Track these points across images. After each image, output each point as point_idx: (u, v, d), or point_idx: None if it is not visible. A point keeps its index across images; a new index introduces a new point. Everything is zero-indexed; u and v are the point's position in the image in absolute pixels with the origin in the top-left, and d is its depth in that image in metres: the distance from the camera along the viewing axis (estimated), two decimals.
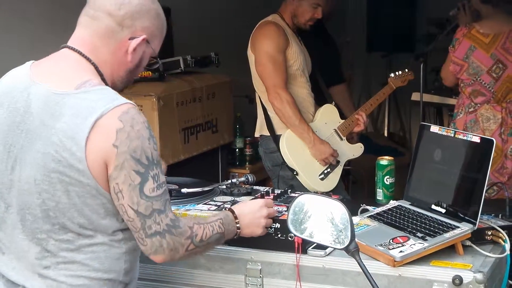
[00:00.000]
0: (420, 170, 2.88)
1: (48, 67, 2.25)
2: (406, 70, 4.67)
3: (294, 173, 4.25)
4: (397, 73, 4.63)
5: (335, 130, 4.43)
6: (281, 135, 4.31)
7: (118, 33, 2.23)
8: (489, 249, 2.65)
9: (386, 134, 7.57)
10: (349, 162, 5.55)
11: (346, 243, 1.99)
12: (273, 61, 4.21)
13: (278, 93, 4.17)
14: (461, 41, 4.73)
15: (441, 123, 6.24)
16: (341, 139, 4.44)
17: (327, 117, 4.44)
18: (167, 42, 5.69)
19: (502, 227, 2.70)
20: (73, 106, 2.11)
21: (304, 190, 4.28)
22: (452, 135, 2.74)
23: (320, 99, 4.65)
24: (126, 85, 2.36)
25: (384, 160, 3.35)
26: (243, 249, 2.68)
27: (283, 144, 4.27)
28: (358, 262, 1.99)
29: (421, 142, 2.89)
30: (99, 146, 2.08)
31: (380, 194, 3.34)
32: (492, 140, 2.59)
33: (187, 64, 5.21)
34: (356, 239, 2.58)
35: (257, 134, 4.54)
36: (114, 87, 2.28)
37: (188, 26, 5.78)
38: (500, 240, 2.67)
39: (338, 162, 4.35)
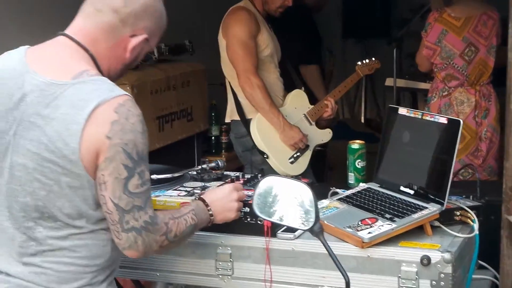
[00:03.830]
0: (389, 153, 2.89)
1: (45, 55, 2.23)
2: (373, 59, 4.77)
3: (265, 156, 4.29)
4: (364, 61, 4.73)
5: (305, 115, 4.49)
6: (251, 119, 4.33)
7: (120, 29, 2.22)
8: (458, 229, 2.66)
9: (363, 120, 7.59)
10: (325, 148, 5.61)
11: (311, 224, 1.99)
12: (244, 46, 4.22)
13: (249, 78, 4.19)
14: (433, 26, 4.74)
15: (416, 108, 6.25)
16: (310, 124, 4.49)
17: (297, 102, 4.48)
18: None
19: (471, 208, 2.72)
20: (70, 96, 2.10)
21: (274, 174, 4.29)
22: (420, 117, 2.75)
23: (290, 86, 4.65)
24: (119, 77, 2.35)
25: (355, 144, 3.35)
26: (213, 234, 2.68)
27: (253, 128, 4.30)
28: (322, 243, 2.00)
29: (390, 125, 2.90)
30: (93, 136, 2.07)
31: (351, 178, 3.35)
32: (459, 121, 2.60)
33: (161, 52, 5.19)
34: (325, 222, 2.63)
35: (227, 119, 4.57)
36: (109, 79, 2.25)
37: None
38: (468, 220, 2.68)
39: (307, 146, 4.40)
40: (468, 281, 2.67)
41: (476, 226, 2.66)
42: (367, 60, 4.73)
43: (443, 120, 2.66)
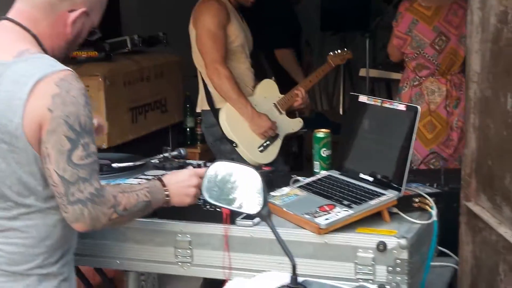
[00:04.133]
0: (350, 140, 2.89)
1: None
2: (345, 49, 4.81)
3: (234, 145, 4.31)
4: (336, 51, 4.76)
5: (274, 105, 4.51)
6: (220, 108, 4.34)
7: (58, 5, 2.24)
8: (416, 216, 2.67)
9: (341, 112, 7.60)
10: (303, 139, 5.63)
11: (259, 209, 1.99)
12: (213, 37, 4.24)
13: (217, 68, 4.22)
14: (403, 15, 4.75)
15: (390, 98, 6.27)
16: (280, 113, 4.50)
17: (266, 92, 4.51)
18: (114, 21, 5.72)
19: (430, 195, 2.73)
20: (11, 75, 2.13)
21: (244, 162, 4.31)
22: (380, 104, 2.76)
23: (262, 76, 4.67)
24: (66, 55, 2.36)
25: (321, 133, 3.34)
26: (172, 222, 2.69)
27: (222, 117, 4.33)
28: (270, 227, 2.00)
29: (352, 112, 2.91)
30: (35, 110, 2.09)
31: (317, 166, 3.34)
32: (417, 107, 2.60)
33: (135, 44, 5.20)
34: (284, 209, 2.64)
35: (198, 109, 4.59)
36: (54, 57, 2.27)
37: (136, 5, 5.75)
38: (427, 207, 2.69)
39: (277, 135, 4.41)
40: (427, 268, 2.67)
41: (434, 212, 2.67)
42: (339, 51, 4.76)
43: (401, 107, 2.67)
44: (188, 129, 5.72)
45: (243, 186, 2.04)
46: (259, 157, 4.35)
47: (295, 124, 4.57)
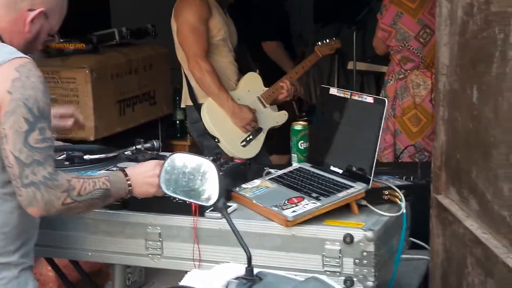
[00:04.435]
0: (321, 132, 2.91)
1: None
2: (334, 39, 4.75)
3: (216, 140, 4.31)
4: (324, 41, 4.70)
5: (258, 98, 4.48)
6: (202, 103, 4.34)
7: (18, 3, 2.32)
8: (385, 209, 2.67)
9: None
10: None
11: (214, 200, 2.01)
12: (194, 30, 4.25)
13: (198, 62, 4.22)
14: (388, 7, 4.75)
15: (378, 92, 6.27)
16: (264, 106, 4.48)
17: (250, 85, 4.49)
18: (103, 13, 5.72)
19: (400, 187, 2.73)
20: None
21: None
22: (349, 96, 2.76)
23: (246, 70, 4.66)
24: (25, 54, 2.38)
25: (299, 125, 3.34)
26: (142, 214, 2.70)
27: (204, 112, 4.33)
28: (225, 218, 2.01)
29: (322, 105, 2.91)
30: None
31: (294, 159, 3.34)
32: (384, 100, 2.61)
33: (123, 36, 5.22)
34: (253, 201, 2.64)
35: (182, 105, 4.59)
36: None
37: None
38: (397, 199, 2.70)
39: (260, 129, 4.39)
40: (397, 260, 2.68)
41: (403, 205, 2.67)
42: (327, 40, 4.72)
43: (369, 99, 2.68)
44: (177, 122, 5.74)
45: (198, 177, 2.05)
46: (241, 151, 4.34)
47: (280, 117, 4.56)
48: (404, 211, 2.66)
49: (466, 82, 2.48)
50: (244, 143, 4.36)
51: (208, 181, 2.02)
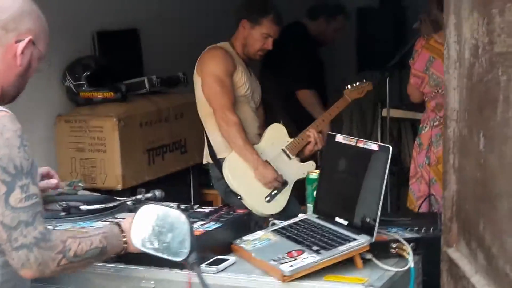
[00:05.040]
0: (326, 182, 2.77)
1: None
2: (364, 81, 4.51)
3: (238, 197, 4.15)
4: (354, 84, 4.45)
5: (283, 150, 4.30)
6: (222, 158, 4.22)
7: (3, 37, 2.18)
8: (392, 263, 2.52)
9: None
10: None
11: (185, 255, 1.87)
12: (220, 82, 4.14)
13: (226, 113, 4.10)
14: (420, 53, 4.59)
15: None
16: (290, 158, 4.30)
17: (274, 137, 4.32)
18: (136, 62, 5.69)
19: (409, 240, 2.58)
20: None
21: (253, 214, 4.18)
22: (354, 143, 2.63)
23: (271, 122, 4.51)
24: (18, 91, 2.29)
25: (314, 174, 3.22)
26: (136, 267, 2.58)
27: (225, 168, 4.18)
28: (197, 275, 1.88)
29: (328, 153, 2.78)
30: None
31: (310, 209, 3.21)
32: (388, 147, 2.47)
33: (153, 84, 5.16)
34: (252, 255, 2.51)
35: (204, 162, 4.45)
36: (5, 94, 2.23)
37: (157, 46, 5.72)
38: (405, 253, 2.54)
39: (286, 182, 4.22)
40: None
41: (410, 258, 2.51)
42: (356, 83, 4.47)
43: (374, 147, 2.54)
44: (210, 170, 5.61)
45: (168, 230, 1.93)
46: (266, 208, 4.15)
47: (307, 168, 4.34)
48: (412, 265, 2.50)
49: (473, 128, 2.33)
50: (268, 198, 4.17)
51: (179, 234, 1.90)
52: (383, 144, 2.52)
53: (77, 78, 4.97)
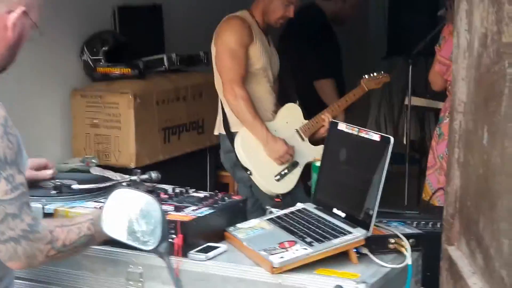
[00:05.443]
0: (327, 171, 2.66)
1: None
2: (382, 72, 4.46)
3: (248, 172, 4.06)
4: (371, 74, 4.39)
5: (297, 130, 4.22)
6: (235, 132, 4.12)
7: None
8: (389, 259, 2.40)
9: (405, 142, 7.25)
10: None
11: (155, 244, 1.78)
12: (232, 55, 4.04)
13: (233, 88, 4.00)
14: (447, 39, 4.43)
15: None
16: (303, 139, 4.21)
17: (289, 117, 4.24)
18: (157, 39, 5.60)
19: (409, 236, 2.46)
20: None
21: (259, 191, 4.08)
22: (356, 133, 2.51)
23: (286, 101, 4.39)
24: (8, 63, 2.20)
25: (319, 162, 3.11)
26: (124, 251, 2.48)
27: (237, 142, 4.09)
28: (167, 265, 1.79)
29: (330, 141, 2.67)
30: None
31: None
32: (389, 138, 2.35)
33: (172, 62, 5.08)
34: (244, 243, 2.41)
35: (216, 132, 4.35)
36: None
37: (180, 23, 5.62)
38: (403, 249, 2.43)
39: (296, 163, 4.13)
40: None
41: (408, 255, 2.40)
42: (374, 74, 4.42)
43: (376, 137, 2.42)
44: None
45: (141, 217, 1.83)
46: (275, 186, 4.09)
47: (319, 152, 4.24)
48: (409, 262, 2.39)
49: (478, 122, 2.20)
50: (278, 177, 4.10)
51: (150, 222, 1.80)
52: (385, 135, 2.40)
53: (94, 52, 4.90)
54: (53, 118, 4.80)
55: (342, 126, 2.58)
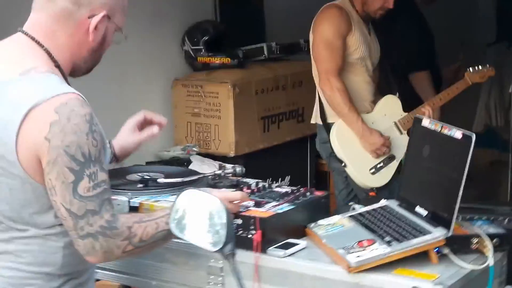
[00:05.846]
0: (410, 168, 2.61)
1: None
2: (487, 66, 4.29)
3: (343, 164, 4.01)
4: (476, 67, 4.25)
5: (395, 123, 4.13)
6: (332, 123, 4.07)
7: (75, 13, 2.09)
8: (471, 259, 2.35)
9: None
10: None
11: (221, 245, 1.79)
12: (329, 45, 3.99)
13: (329, 79, 3.95)
14: None
15: None
16: (401, 133, 4.12)
17: (387, 109, 4.15)
18: (258, 28, 5.62)
19: (492, 235, 2.39)
20: (12, 94, 2.00)
21: (354, 183, 4.04)
22: (439, 129, 2.45)
23: (386, 92, 4.30)
24: (92, 65, 2.22)
25: None
26: None
27: (333, 133, 4.03)
28: (232, 268, 1.80)
29: (414, 137, 2.62)
30: (31, 138, 1.96)
31: None
32: (471, 136, 2.28)
33: (272, 51, 5.09)
34: (323, 241, 2.40)
35: (313, 121, 4.31)
36: (77, 69, 2.18)
37: (281, 12, 5.61)
38: (485, 250, 2.36)
39: (393, 157, 4.05)
40: None
41: (490, 255, 2.33)
42: (479, 67, 4.27)
43: (458, 134, 2.35)
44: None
45: (205, 218, 1.84)
46: (370, 179, 4.03)
47: None
48: (491, 263, 2.32)
49: None
50: (373, 170, 4.03)
51: (216, 223, 1.81)
52: (466, 132, 2.32)
53: (195, 42, 4.97)
54: (156, 107, 4.88)
55: (425, 122, 2.53)
